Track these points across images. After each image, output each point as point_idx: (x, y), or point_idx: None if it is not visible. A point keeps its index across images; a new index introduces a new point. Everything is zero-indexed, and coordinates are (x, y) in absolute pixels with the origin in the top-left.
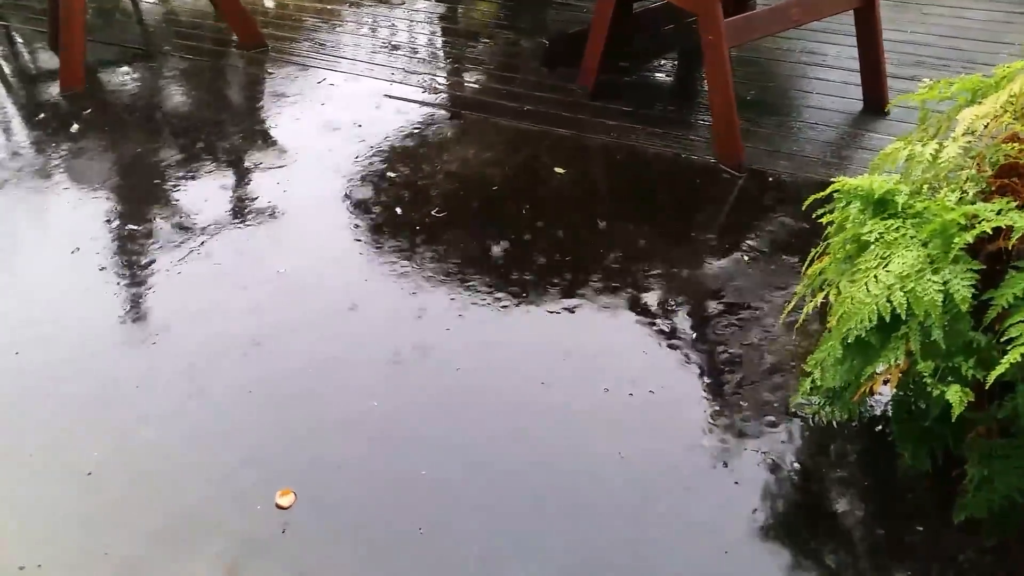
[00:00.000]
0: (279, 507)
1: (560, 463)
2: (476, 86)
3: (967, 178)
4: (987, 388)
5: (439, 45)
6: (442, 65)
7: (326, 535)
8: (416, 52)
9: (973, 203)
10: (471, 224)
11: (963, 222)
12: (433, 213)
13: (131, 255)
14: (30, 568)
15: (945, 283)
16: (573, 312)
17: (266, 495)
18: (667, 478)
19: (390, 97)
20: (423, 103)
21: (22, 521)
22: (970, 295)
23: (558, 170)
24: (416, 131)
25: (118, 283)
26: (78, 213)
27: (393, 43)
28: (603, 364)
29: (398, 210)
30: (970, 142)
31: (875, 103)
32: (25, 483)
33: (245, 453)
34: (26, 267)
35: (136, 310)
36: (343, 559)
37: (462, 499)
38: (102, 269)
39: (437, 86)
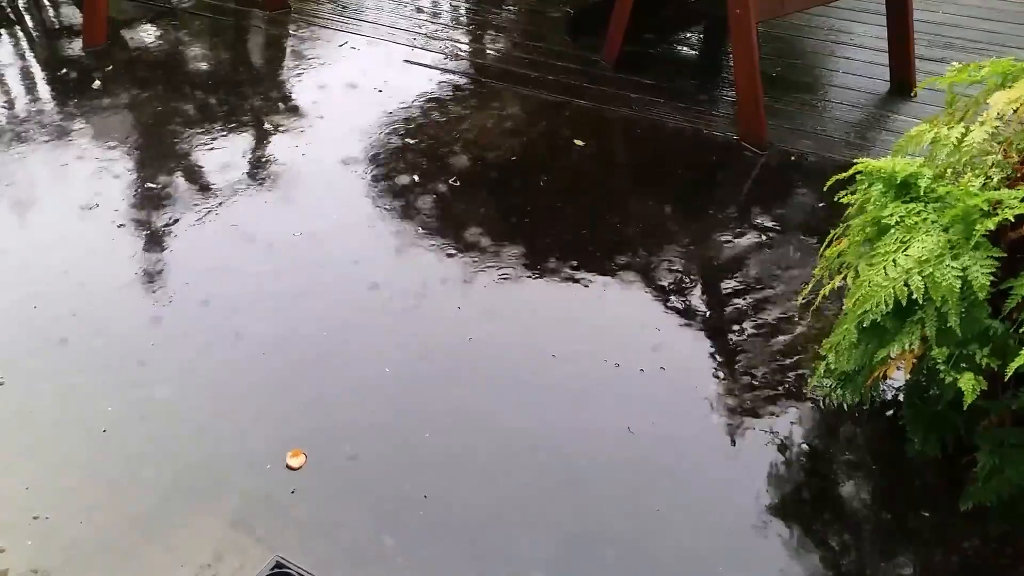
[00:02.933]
0: (289, 468)
1: (568, 435)
2: (498, 54)
3: (992, 164)
4: (1005, 378)
5: (462, 11)
6: (465, 31)
7: (333, 497)
8: (439, 17)
9: (997, 189)
10: (488, 193)
11: (986, 208)
12: (451, 181)
13: (149, 213)
14: (43, 518)
15: (964, 269)
16: (587, 286)
17: (277, 455)
18: (675, 455)
19: (411, 63)
20: (444, 69)
21: (36, 473)
22: (988, 282)
23: (578, 142)
24: (436, 98)
25: (135, 241)
26: (97, 170)
27: (416, 7)
28: (615, 339)
29: (415, 177)
30: (998, 127)
31: (902, 84)
32: (40, 436)
33: (257, 413)
34: (44, 222)
35: (152, 269)
36: (349, 521)
37: (468, 467)
38: (120, 226)
39: (459, 53)
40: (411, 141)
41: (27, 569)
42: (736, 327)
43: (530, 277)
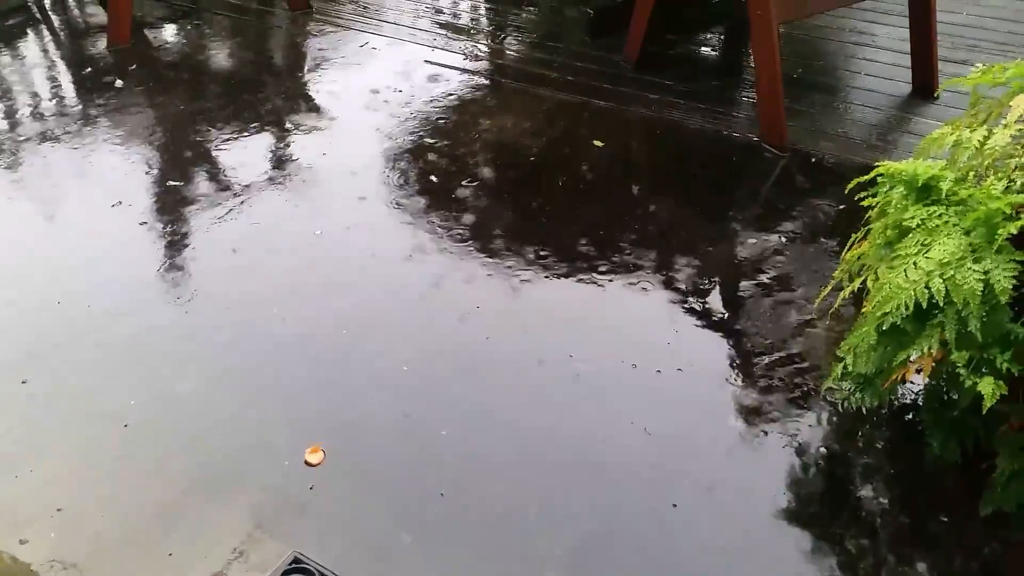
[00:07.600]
0: (308, 464)
1: (586, 435)
2: (518, 55)
3: (1016, 167)
4: None
5: (483, 12)
6: (485, 32)
7: (351, 493)
8: (459, 18)
9: (1020, 193)
10: (507, 193)
11: (1008, 211)
12: (470, 181)
13: (171, 211)
14: (68, 510)
15: (986, 272)
16: (604, 287)
17: (296, 451)
18: (692, 456)
19: (431, 63)
20: (464, 70)
21: (60, 466)
22: (1011, 286)
23: (597, 143)
24: (456, 98)
25: (158, 238)
26: (120, 167)
27: (437, 8)
28: (632, 339)
29: (434, 177)
30: (1021, 130)
31: (924, 87)
32: (65, 430)
33: (277, 409)
34: (69, 219)
35: (175, 265)
36: (367, 517)
37: (485, 465)
38: (143, 223)
39: (479, 53)
40: (430, 141)
41: (50, 560)
42: (754, 329)
43: (548, 277)
